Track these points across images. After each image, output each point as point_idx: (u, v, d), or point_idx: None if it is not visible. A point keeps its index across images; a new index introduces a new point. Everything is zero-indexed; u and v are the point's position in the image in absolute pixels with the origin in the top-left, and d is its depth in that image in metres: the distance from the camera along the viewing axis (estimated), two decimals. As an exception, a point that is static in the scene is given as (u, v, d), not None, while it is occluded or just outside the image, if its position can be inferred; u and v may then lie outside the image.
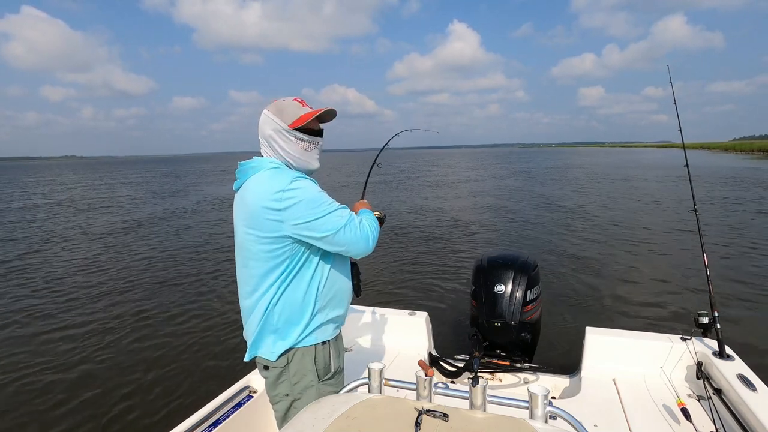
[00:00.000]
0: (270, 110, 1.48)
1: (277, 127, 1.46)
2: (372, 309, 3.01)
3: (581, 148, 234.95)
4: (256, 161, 1.49)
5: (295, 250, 1.42)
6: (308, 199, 1.37)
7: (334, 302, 1.53)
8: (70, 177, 43.05)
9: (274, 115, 1.47)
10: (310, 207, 1.36)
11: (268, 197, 1.36)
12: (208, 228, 11.16)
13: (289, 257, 1.41)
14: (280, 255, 1.41)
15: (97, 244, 9.44)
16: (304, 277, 1.45)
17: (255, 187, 1.42)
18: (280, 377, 1.50)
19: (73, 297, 6.00)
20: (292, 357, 1.47)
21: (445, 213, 12.73)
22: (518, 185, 21.38)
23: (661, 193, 16.20)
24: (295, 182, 1.37)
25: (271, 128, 1.47)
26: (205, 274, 6.93)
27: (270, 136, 1.47)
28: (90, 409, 3.42)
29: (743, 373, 2.01)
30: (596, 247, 8.07)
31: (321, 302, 1.48)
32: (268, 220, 1.37)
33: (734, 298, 5.32)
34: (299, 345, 1.47)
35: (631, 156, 62.55)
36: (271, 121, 1.47)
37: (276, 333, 1.46)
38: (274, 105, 1.50)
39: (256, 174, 1.44)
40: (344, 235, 1.40)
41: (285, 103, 1.49)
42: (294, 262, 1.43)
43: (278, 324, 1.46)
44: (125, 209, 15.45)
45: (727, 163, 35.81)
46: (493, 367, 2.66)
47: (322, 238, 1.38)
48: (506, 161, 54.47)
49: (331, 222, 1.38)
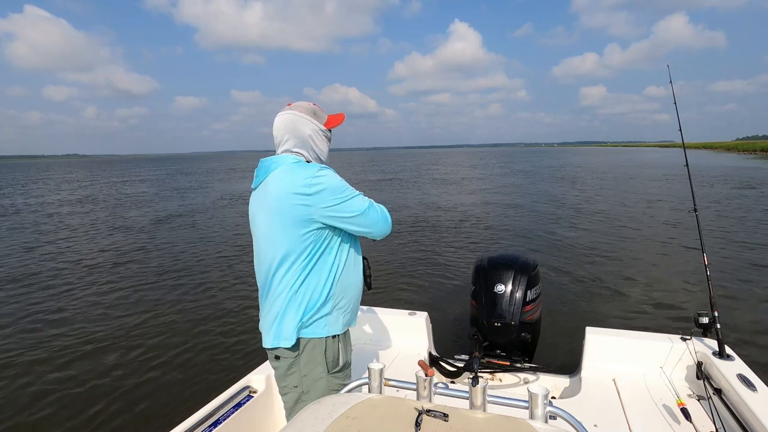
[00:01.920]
0: (303, 113, 1.61)
1: (315, 128, 1.62)
2: (372, 309, 3.01)
3: (583, 148, 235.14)
4: (278, 157, 1.60)
5: (320, 234, 1.52)
6: (335, 184, 1.50)
7: (346, 292, 1.60)
8: (84, 174, 43.05)
9: (312, 117, 1.62)
10: (337, 191, 1.49)
11: (298, 184, 1.47)
12: (219, 226, 11.17)
13: (314, 241, 1.51)
14: (306, 239, 1.50)
15: (97, 243, 9.45)
16: (326, 262, 1.55)
17: (281, 177, 1.52)
18: (290, 368, 1.56)
19: (72, 296, 6.01)
20: (303, 348, 1.54)
21: (445, 212, 12.73)
22: (520, 184, 21.38)
23: (662, 193, 16.20)
24: (321, 171, 1.51)
25: (310, 129, 1.61)
26: (206, 274, 6.94)
27: (310, 136, 1.61)
28: (89, 408, 3.41)
29: (743, 373, 2.01)
30: (596, 247, 8.07)
31: (336, 291, 1.57)
32: (297, 206, 1.47)
33: (734, 298, 5.31)
34: (311, 336, 1.54)
35: (633, 155, 62.63)
36: (309, 122, 1.62)
37: (296, 317, 1.53)
38: (305, 108, 1.63)
39: (278, 168, 1.55)
40: (369, 215, 1.54)
41: (311, 106, 1.65)
42: (317, 246, 1.52)
43: (299, 308, 1.52)
44: (139, 205, 15.46)
45: (729, 163, 35.80)
46: (493, 367, 2.66)
47: (350, 218, 1.51)
48: (508, 161, 54.51)
49: (357, 204, 1.52)
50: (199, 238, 9.86)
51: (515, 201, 15.20)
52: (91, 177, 39.66)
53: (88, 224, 12.19)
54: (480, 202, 15.28)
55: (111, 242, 9.65)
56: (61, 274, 7.13)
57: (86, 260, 8.03)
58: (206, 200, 17.70)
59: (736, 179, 20.90)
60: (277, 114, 1.65)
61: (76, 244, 9.50)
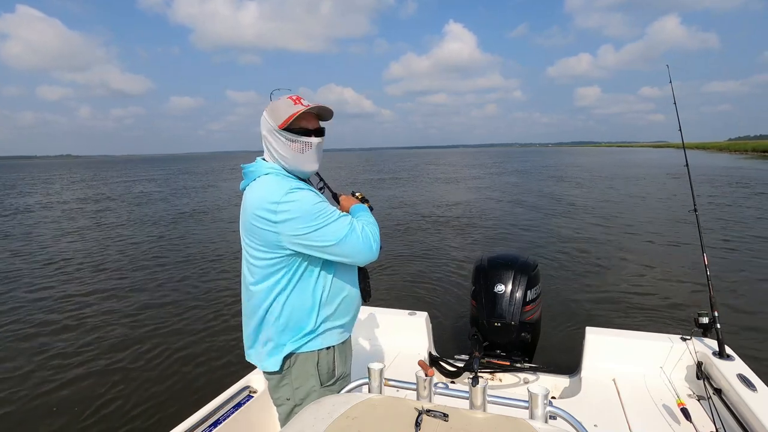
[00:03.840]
0: (266, 110, 1.42)
1: (269, 127, 1.40)
2: (372, 309, 3.01)
3: (579, 148, 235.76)
4: (254, 166, 1.45)
5: (292, 260, 1.37)
6: (304, 211, 1.30)
7: (339, 310, 1.48)
8: (86, 174, 43.03)
9: (268, 115, 1.41)
10: (307, 219, 1.30)
11: (263, 207, 1.31)
12: (220, 225, 11.18)
13: (285, 266, 1.37)
14: (276, 264, 1.37)
15: (85, 243, 9.45)
16: (306, 287, 1.41)
17: (252, 194, 1.38)
18: (281, 381, 1.47)
19: (71, 294, 6.02)
20: (294, 361, 1.44)
21: (445, 212, 12.72)
22: (518, 183, 21.37)
23: (661, 193, 16.21)
24: (289, 194, 1.30)
25: (265, 129, 1.42)
26: (206, 274, 6.94)
27: (264, 137, 1.42)
28: (89, 408, 3.42)
29: (743, 373, 2.01)
30: (596, 247, 8.07)
31: (325, 312, 1.44)
32: (263, 230, 1.33)
33: (734, 298, 5.32)
34: (301, 350, 1.43)
35: (628, 156, 62.71)
36: (266, 121, 1.41)
37: (275, 344, 1.43)
38: (271, 104, 1.43)
39: (255, 179, 1.41)
40: (346, 244, 1.34)
41: (278, 102, 1.41)
42: (292, 271, 1.38)
43: (278, 335, 1.42)
44: (134, 204, 15.46)
45: (723, 163, 35.82)
46: (493, 367, 2.66)
47: (323, 248, 1.33)
48: (505, 160, 54.56)
49: (331, 232, 1.32)
50: (200, 237, 9.87)
51: (515, 200, 15.18)
52: (93, 177, 39.63)
53: (87, 224, 12.19)
54: (480, 201, 15.27)
55: (109, 239, 9.66)
56: (60, 273, 7.14)
57: (85, 260, 8.04)
58: (210, 200, 17.69)
59: (732, 179, 20.90)
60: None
61: (77, 244, 9.50)
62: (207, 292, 6.06)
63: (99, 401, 3.51)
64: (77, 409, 3.42)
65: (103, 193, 22.15)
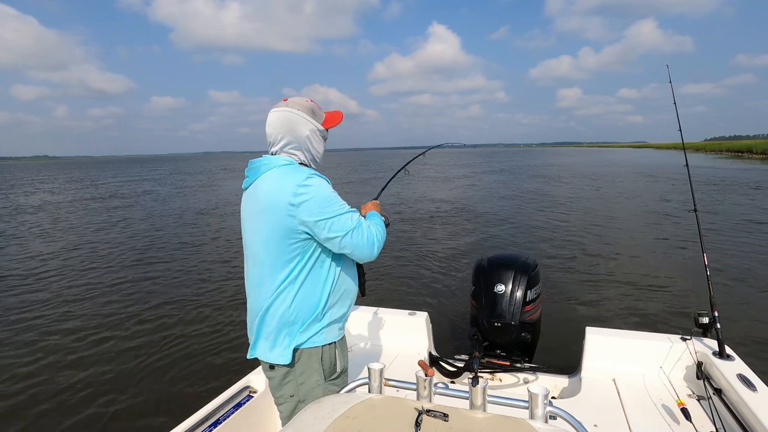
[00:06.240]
0: (301, 111, 1.49)
1: (313, 128, 1.51)
2: (372, 309, 3.00)
3: (561, 148, 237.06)
4: (268, 159, 1.49)
5: (307, 246, 1.42)
6: (321, 196, 1.38)
7: (341, 302, 1.53)
8: (78, 175, 43.06)
9: (311, 116, 1.50)
10: (322, 205, 1.37)
11: (285, 191, 1.37)
12: (214, 225, 11.17)
13: (300, 253, 1.42)
14: (291, 251, 1.41)
15: (91, 243, 9.46)
16: (319, 276, 1.46)
17: (270, 182, 1.43)
18: (285, 377, 1.49)
19: (71, 294, 6.01)
20: (299, 357, 1.47)
21: (444, 212, 12.72)
22: (512, 183, 21.37)
23: (660, 193, 16.19)
24: (310, 179, 1.39)
25: (308, 129, 1.50)
26: (206, 274, 6.94)
27: (307, 137, 1.50)
28: (89, 408, 3.42)
29: (743, 373, 2.01)
30: (596, 247, 8.07)
31: (331, 301, 1.49)
32: (282, 215, 1.38)
33: (734, 298, 5.32)
34: (306, 346, 1.46)
35: (610, 156, 62.94)
36: (308, 122, 1.50)
37: (283, 336, 1.45)
38: (303, 106, 1.50)
39: (268, 171, 1.45)
40: (351, 239, 1.41)
41: (312, 104, 1.53)
42: (305, 259, 1.43)
43: (287, 326, 1.44)
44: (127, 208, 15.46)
45: (703, 163, 35.87)
46: (493, 367, 2.66)
47: (330, 239, 1.40)
48: (492, 160, 54.53)
49: (340, 224, 1.39)
50: (200, 239, 9.87)
51: (515, 200, 15.17)
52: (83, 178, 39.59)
53: (82, 222, 12.19)
54: (478, 201, 15.26)
55: (110, 238, 9.66)
56: (60, 273, 7.14)
57: (83, 259, 8.04)
58: (207, 200, 17.69)
59: (730, 179, 20.90)
60: (271, 110, 1.51)
61: (77, 243, 9.51)
62: (207, 293, 6.06)
63: (98, 401, 3.51)
64: (77, 409, 3.42)
65: (99, 194, 22.14)
